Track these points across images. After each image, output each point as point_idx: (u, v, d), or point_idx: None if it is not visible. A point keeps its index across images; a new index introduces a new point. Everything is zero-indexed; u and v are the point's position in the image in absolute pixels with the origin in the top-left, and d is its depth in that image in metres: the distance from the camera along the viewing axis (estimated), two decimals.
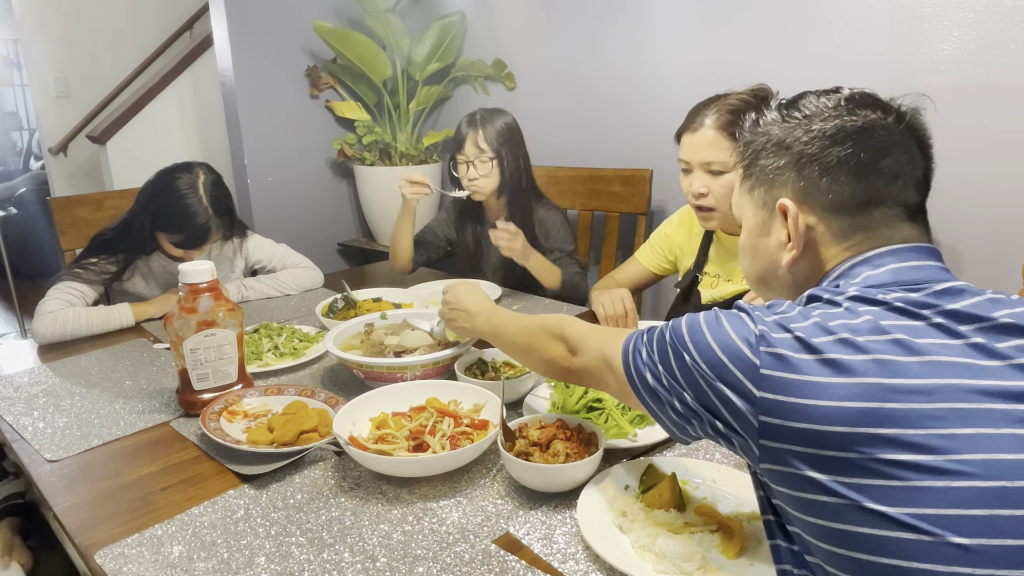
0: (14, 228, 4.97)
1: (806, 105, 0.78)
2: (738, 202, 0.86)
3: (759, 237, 0.82)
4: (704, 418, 0.70)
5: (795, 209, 0.76)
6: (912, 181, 0.74)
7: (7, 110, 7.08)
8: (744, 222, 0.85)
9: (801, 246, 0.77)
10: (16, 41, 6.24)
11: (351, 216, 3.30)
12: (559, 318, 0.99)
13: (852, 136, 0.74)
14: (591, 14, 2.48)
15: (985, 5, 1.71)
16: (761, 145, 0.80)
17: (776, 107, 0.81)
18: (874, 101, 0.76)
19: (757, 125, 0.82)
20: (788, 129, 0.77)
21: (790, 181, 0.77)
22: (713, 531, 0.90)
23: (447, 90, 3.05)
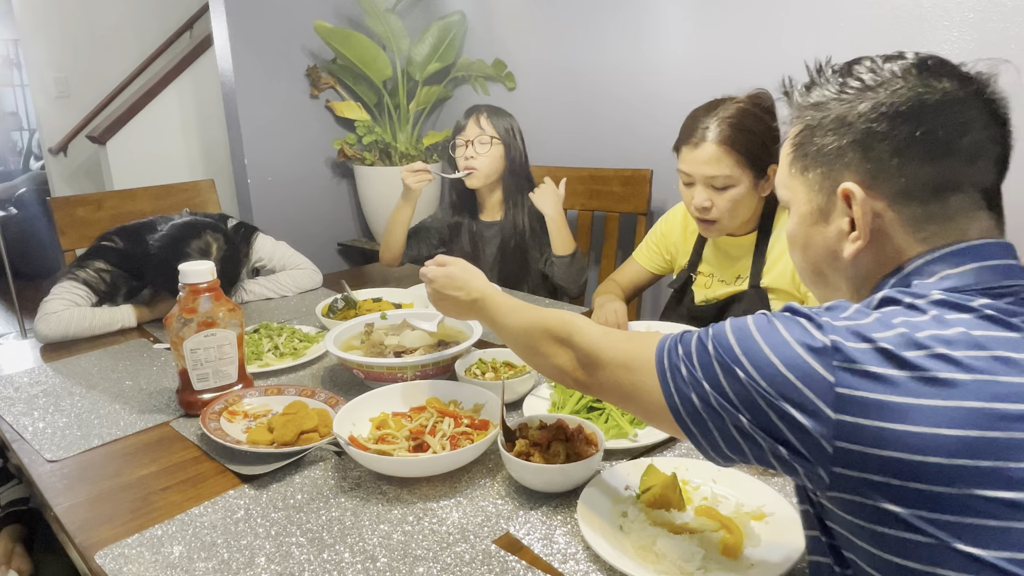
0: (14, 228, 4.97)
1: (867, 73, 0.69)
2: (787, 184, 0.77)
3: (814, 225, 0.73)
4: (763, 444, 0.61)
5: (862, 194, 0.67)
6: (992, 161, 0.66)
7: (7, 110, 7.08)
8: (794, 207, 0.76)
9: (867, 236, 0.68)
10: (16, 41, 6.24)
11: (351, 216, 3.30)
12: (564, 317, 0.88)
13: (927, 111, 0.65)
14: (591, 14, 2.48)
15: (985, 5, 1.71)
16: (817, 121, 0.71)
17: (831, 75, 0.72)
18: (949, 69, 0.68)
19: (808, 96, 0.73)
20: (849, 102, 0.68)
21: (854, 162, 0.68)
22: (713, 531, 0.89)
23: (447, 90, 3.05)
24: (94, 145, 3.82)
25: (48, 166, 4.54)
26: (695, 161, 1.47)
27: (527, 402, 1.26)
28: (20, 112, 7.08)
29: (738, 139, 1.43)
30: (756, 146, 1.44)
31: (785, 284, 1.53)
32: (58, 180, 4.47)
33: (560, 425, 1.08)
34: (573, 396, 1.21)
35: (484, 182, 2.04)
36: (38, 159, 6.34)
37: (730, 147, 1.43)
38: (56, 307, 1.66)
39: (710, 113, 1.46)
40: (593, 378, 0.81)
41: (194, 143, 3.73)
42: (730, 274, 1.63)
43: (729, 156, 1.43)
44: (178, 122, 3.70)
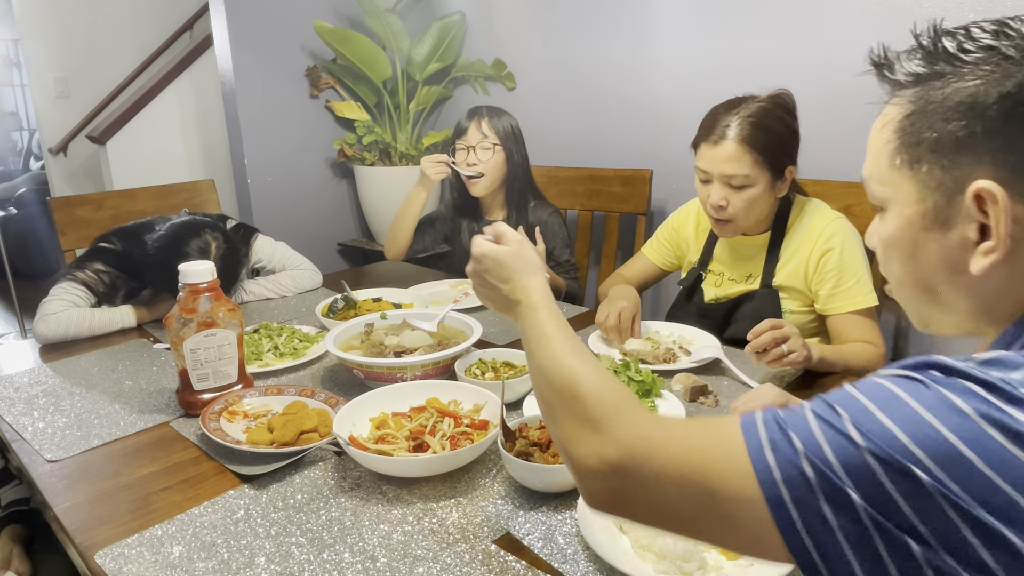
0: (14, 228, 4.97)
1: (1004, 40, 0.55)
2: (886, 179, 0.63)
3: (927, 231, 0.60)
4: (943, 566, 0.44)
5: (1004, 197, 0.54)
6: None
7: (7, 110, 7.08)
8: (897, 207, 0.62)
9: (1006, 247, 0.55)
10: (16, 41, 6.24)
11: (351, 216, 3.30)
12: (607, 391, 0.64)
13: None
14: (591, 14, 2.48)
15: (985, 5, 1.71)
16: (934, 103, 0.57)
17: (952, 44, 0.58)
18: None
19: (917, 70, 0.59)
20: (983, 79, 0.55)
21: (990, 156, 0.55)
22: None
23: (447, 90, 3.05)
24: (94, 145, 3.82)
25: (48, 166, 4.54)
26: (714, 159, 1.45)
27: (527, 402, 1.26)
28: (20, 112, 7.09)
29: (759, 138, 1.41)
30: (776, 146, 1.43)
31: (797, 283, 1.53)
32: (58, 180, 4.47)
33: None
34: None
35: (488, 189, 2.05)
36: (38, 159, 6.34)
37: (750, 146, 1.41)
38: (55, 308, 1.66)
39: (731, 111, 1.44)
40: (629, 485, 0.57)
41: (194, 143, 3.73)
42: (741, 273, 1.62)
43: (749, 155, 1.42)
44: (178, 122, 3.70)
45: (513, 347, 1.47)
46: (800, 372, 1.38)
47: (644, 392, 1.22)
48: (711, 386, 1.30)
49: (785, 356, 1.27)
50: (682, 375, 1.32)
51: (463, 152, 2.02)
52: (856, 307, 1.46)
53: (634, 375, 1.24)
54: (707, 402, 1.26)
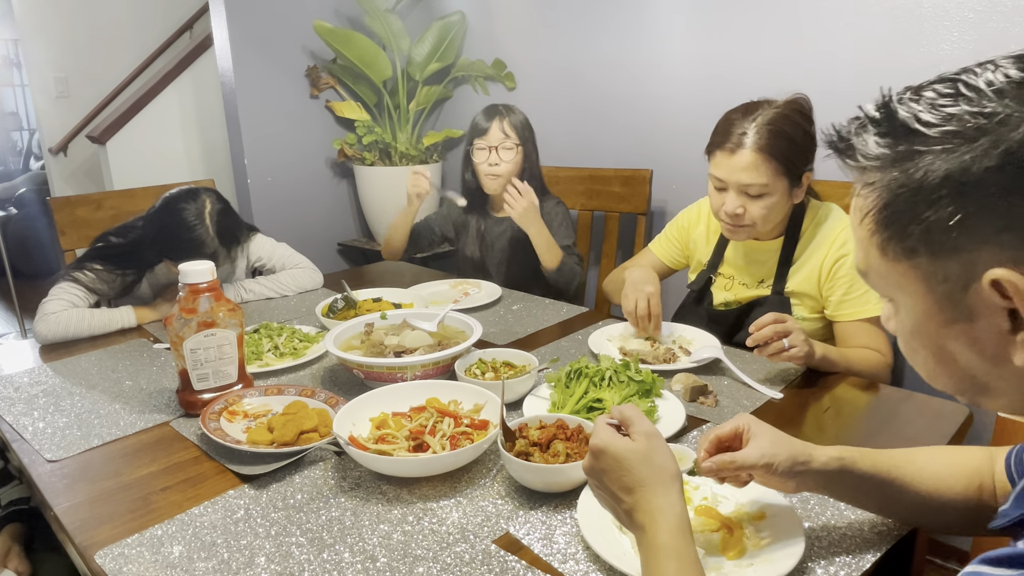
0: (14, 228, 4.97)
1: (970, 105, 0.49)
2: (881, 273, 0.57)
3: (949, 325, 0.54)
4: None
5: (1022, 280, 0.48)
6: None
7: (7, 110, 7.08)
8: (903, 300, 0.57)
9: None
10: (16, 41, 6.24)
11: (351, 216, 3.30)
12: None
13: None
14: (591, 14, 2.48)
15: (985, 5, 1.71)
16: (911, 184, 0.50)
17: (900, 119, 0.52)
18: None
19: (890, 146, 0.52)
20: (959, 151, 0.48)
21: (995, 236, 0.48)
22: (713, 531, 0.89)
23: (447, 90, 3.05)
24: (94, 145, 3.82)
25: (48, 166, 4.54)
26: (731, 168, 1.41)
27: (527, 402, 1.26)
28: (20, 112, 7.09)
29: (777, 146, 1.38)
30: (794, 153, 1.39)
31: (810, 288, 1.52)
32: (58, 180, 4.47)
33: (560, 425, 1.08)
34: (573, 396, 1.21)
35: (501, 188, 2.06)
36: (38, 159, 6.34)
37: (769, 155, 1.37)
38: (55, 308, 1.66)
39: (747, 117, 1.40)
40: None
41: (194, 143, 3.73)
42: (753, 278, 1.61)
43: (767, 164, 1.38)
44: (178, 122, 3.70)
45: (513, 347, 1.47)
46: (803, 370, 1.38)
47: (644, 392, 1.22)
48: (711, 386, 1.30)
49: (786, 351, 1.27)
50: (682, 375, 1.32)
51: (483, 152, 2.04)
52: (865, 315, 1.44)
53: (634, 375, 1.24)
54: (707, 402, 1.26)
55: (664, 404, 1.22)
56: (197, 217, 1.67)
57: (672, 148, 2.35)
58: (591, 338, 1.54)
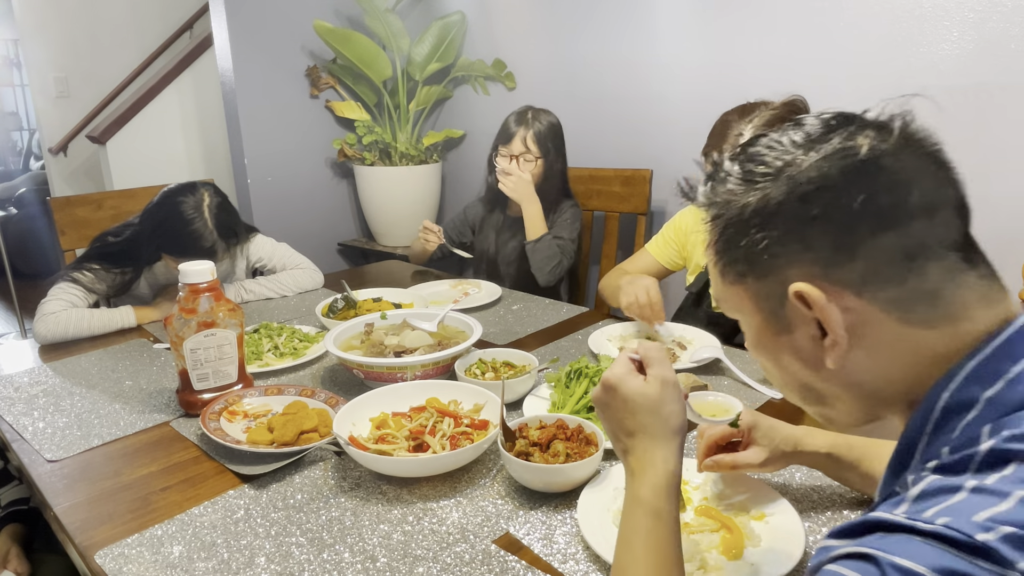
0: (14, 228, 4.97)
1: (770, 154, 0.59)
2: (725, 297, 0.66)
3: (776, 336, 0.62)
4: None
5: (818, 293, 0.56)
6: (952, 210, 0.56)
7: (7, 110, 7.08)
8: (745, 319, 0.65)
9: (845, 340, 0.57)
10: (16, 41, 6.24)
11: (351, 216, 3.30)
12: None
13: (857, 176, 0.55)
14: (591, 14, 2.48)
15: (985, 5, 1.71)
16: (735, 219, 0.60)
17: (731, 166, 0.62)
18: (861, 122, 0.59)
19: (714, 194, 0.63)
20: (763, 189, 0.58)
21: (796, 256, 0.58)
22: (713, 531, 0.89)
23: (447, 90, 3.05)
24: (94, 145, 3.82)
25: (48, 166, 4.54)
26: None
27: (527, 402, 1.26)
28: (20, 112, 7.09)
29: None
30: None
31: None
32: (58, 180, 4.47)
33: (560, 425, 1.08)
34: (573, 396, 1.21)
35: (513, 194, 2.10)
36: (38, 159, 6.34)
37: None
38: (54, 308, 1.66)
39: (743, 119, 1.41)
40: None
41: (194, 143, 3.73)
42: None
43: None
44: (178, 122, 3.70)
45: (513, 347, 1.47)
46: None
47: None
48: (711, 386, 1.30)
49: None
50: (682, 375, 1.32)
51: (505, 159, 2.09)
52: None
53: None
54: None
55: None
56: (195, 210, 1.67)
57: (672, 148, 2.35)
58: (591, 338, 1.54)
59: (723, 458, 0.92)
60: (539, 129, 2.07)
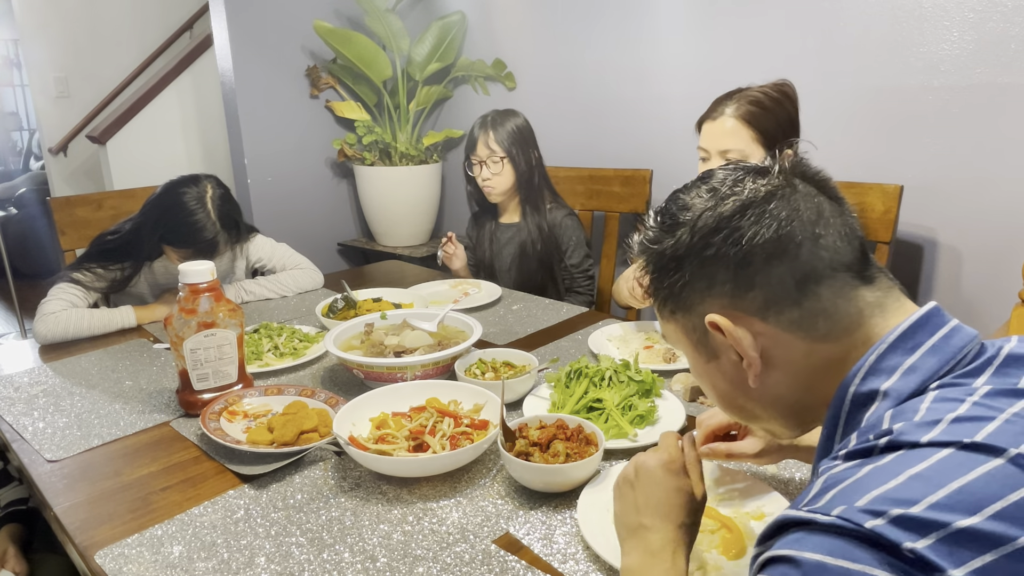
0: (14, 228, 4.96)
1: (681, 207, 0.68)
2: (665, 331, 0.74)
3: (708, 363, 0.70)
4: None
5: (727, 321, 0.64)
6: (838, 235, 0.63)
7: (7, 110, 7.08)
8: (682, 350, 0.74)
9: (758, 361, 0.65)
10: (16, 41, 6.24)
11: (351, 216, 3.30)
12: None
13: (739, 217, 0.63)
14: (591, 14, 2.48)
15: (985, 5, 1.71)
16: (656, 263, 0.69)
17: (656, 215, 0.71)
18: (747, 170, 0.67)
19: (641, 243, 0.71)
20: (676, 238, 0.67)
21: (706, 291, 0.66)
22: (713, 531, 0.89)
23: (447, 90, 3.05)
24: (94, 145, 3.82)
25: (48, 166, 4.53)
26: (712, 134, 1.51)
27: (527, 402, 1.26)
28: (20, 112, 7.08)
29: (756, 115, 1.47)
30: (773, 126, 1.47)
31: None
32: (58, 180, 4.47)
33: (560, 425, 1.08)
34: (573, 396, 1.21)
35: (503, 196, 2.10)
36: (38, 159, 6.34)
37: (747, 122, 1.47)
38: (54, 308, 1.66)
39: (733, 95, 1.51)
40: None
41: (194, 143, 3.73)
42: None
43: (745, 130, 1.47)
44: (178, 122, 3.70)
45: (513, 347, 1.47)
46: None
47: (644, 392, 1.22)
48: None
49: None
50: (682, 375, 1.32)
51: (476, 166, 2.07)
52: None
53: (634, 375, 1.24)
54: (707, 402, 1.26)
55: (664, 404, 1.22)
56: (198, 202, 1.67)
57: (672, 148, 2.35)
58: (591, 338, 1.54)
59: (718, 446, 0.95)
60: (500, 130, 2.04)
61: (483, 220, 2.23)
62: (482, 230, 2.22)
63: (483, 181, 2.06)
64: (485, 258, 2.21)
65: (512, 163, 2.03)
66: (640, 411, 1.17)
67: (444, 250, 2.09)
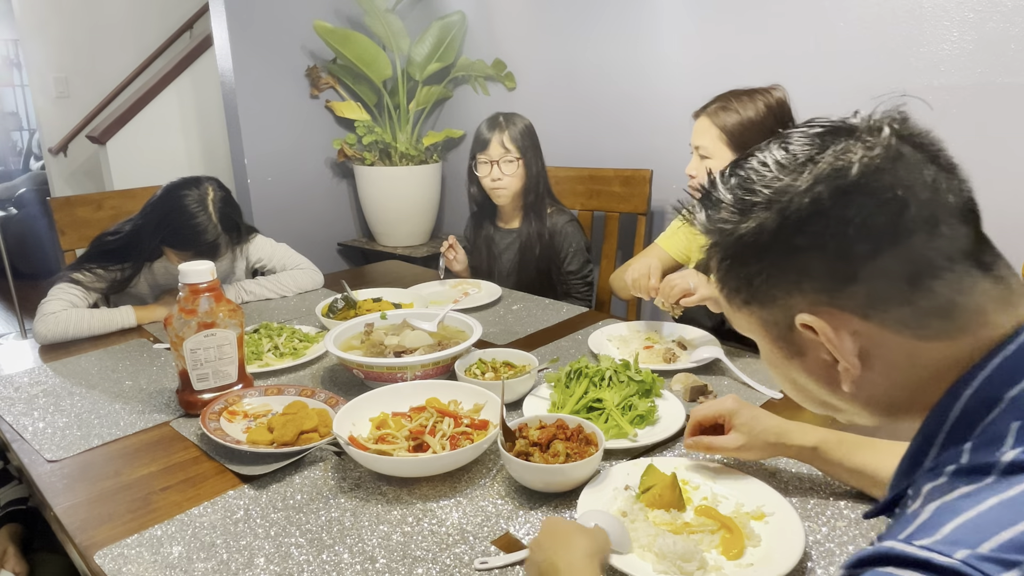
0: (14, 228, 4.97)
1: (760, 178, 0.57)
2: (734, 318, 0.65)
3: (789, 359, 0.61)
4: None
5: (824, 325, 0.55)
6: (957, 217, 0.53)
7: (7, 110, 7.08)
8: (757, 339, 0.64)
9: (858, 367, 0.56)
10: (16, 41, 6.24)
11: (351, 216, 3.30)
12: None
13: (848, 197, 0.52)
14: (591, 14, 2.48)
15: (985, 5, 1.71)
16: (731, 248, 0.59)
17: (726, 187, 0.59)
18: (849, 131, 0.55)
19: (709, 221, 0.61)
20: (757, 218, 0.56)
21: (796, 286, 0.56)
22: (713, 531, 0.89)
23: (447, 90, 3.05)
24: (94, 145, 3.82)
25: (48, 166, 4.53)
26: (694, 131, 1.61)
27: (527, 402, 1.26)
28: (20, 112, 7.09)
29: (721, 115, 1.54)
30: (738, 128, 1.52)
31: None
32: (58, 180, 4.47)
33: (560, 425, 1.08)
34: (573, 396, 1.21)
35: (509, 199, 2.09)
36: (38, 159, 6.34)
37: (712, 121, 1.55)
38: (54, 308, 1.66)
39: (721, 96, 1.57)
40: None
41: (194, 143, 3.73)
42: None
43: (712, 129, 1.55)
44: (178, 122, 3.70)
45: (513, 347, 1.47)
46: None
47: (644, 392, 1.22)
48: (711, 386, 1.30)
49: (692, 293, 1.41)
50: (682, 375, 1.32)
51: (485, 166, 2.04)
52: None
53: (634, 375, 1.24)
54: (707, 402, 1.26)
55: (664, 404, 1.22)
56: (199, 204, 1.67)
57: (672, 148, 2.35)
58: (591, 338, 1.54)
59: (701, 439, 1.00)
60: (514, 130, 2.04)
61: (481, 223, 2.21)
62: (479, 234, 2.21)
63: (493, 182, 2.04)
64: (483, 264, 2.20)
65: (525, 164, 2.04)
66: (640, 411, 1.17)
67: (446, 255, 2.07)
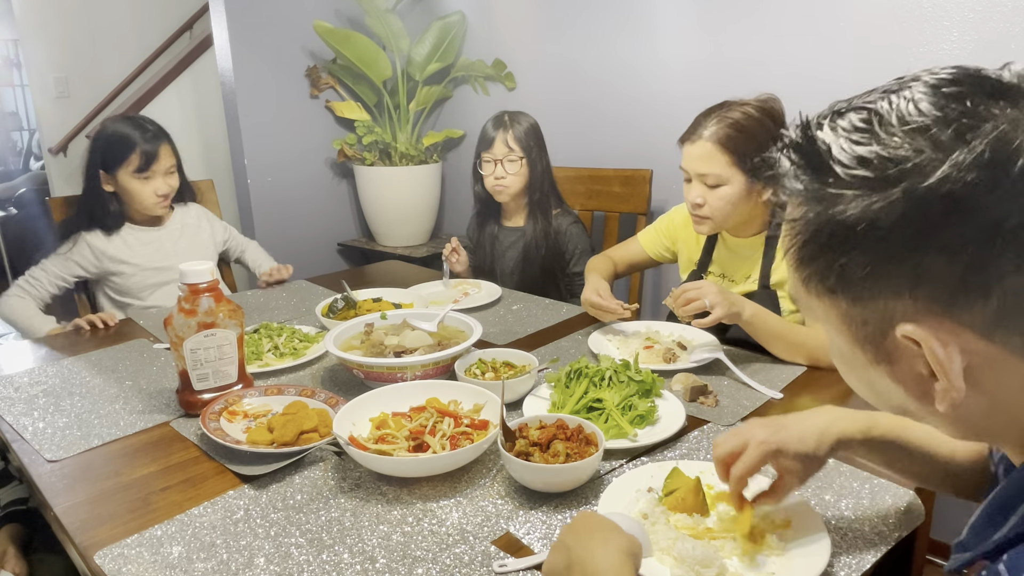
0: (14, 228, 4.97)
1: (885, 145, 0.45)
2: (806, 304, 0.54)
3: (874, 365, 0.52)
4: None
5: (935, 342, 0.46)
6: None
7: (7, 110, 7.08)
8: (829, 330, 0.55)
9: (963, 386, 0.47)
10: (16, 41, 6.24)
11: (351, 216, 3.30)
12: None
13: (1009, 192, 0.41)
14: (591, 14, 2.48)
15: (985, 5, 1.71)
16: (833, 224, 0.47)
17: (840, 147, 0.48)
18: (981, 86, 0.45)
19: (811, 182, 0.49)
20: (879, 196, 0.44)
21: (904, 286, 0.46)
22: (734, 538, 0.88)
23: (447, 90, 3.05)
24: None
25: (48, 166, 4.53)
26: (690, 157, 1.51)
27: (527, 402, 1.26)
28: (20, 112, 7.08)
29: (733, 138, 1.45)
30: (752, 150, 1.44)
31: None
32: (58, 180, 4.47)
33: (560, 425, 1.08)
34: (573, 396, 1.21)
35: (511, 198, 2.09)
36: (38, 159, 6.34)
37: (723, 146, 1.45)
38: (12, 291, 1.83)
39: (713, 113, 1.48)
40: None
41: (194, 143, 3.73)
42: (740, 274, 1.62)
43: (722, 155, 1.45)
44: (178, 122, 3.70)
45: (513, 347, 1.47)
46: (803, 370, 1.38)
47: (644, 392, 1.22)
48: (711, 386, 1.30)
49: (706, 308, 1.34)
50: (682, 375, 1.32)
51: (489, 165, 2.05)
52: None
53: (634, 375, 1.24)
54: (707, 402, 1.26)
55: (664, 404, 1.22)
56: (124, 119, 1.89)
57: (672, 148, 2.32)
58: (591, 338, 1.54)
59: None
60: (518, 129, 2.05)
61: (485, 222, 2.21)
62: (484, 232, 2.21)
63: (496, 180, 2.05)
64: (485, 261, 2.20)
65: (529, 163, 2.04)
66: (640, 411, 1.17)
67: (449, 259, 2.06)
